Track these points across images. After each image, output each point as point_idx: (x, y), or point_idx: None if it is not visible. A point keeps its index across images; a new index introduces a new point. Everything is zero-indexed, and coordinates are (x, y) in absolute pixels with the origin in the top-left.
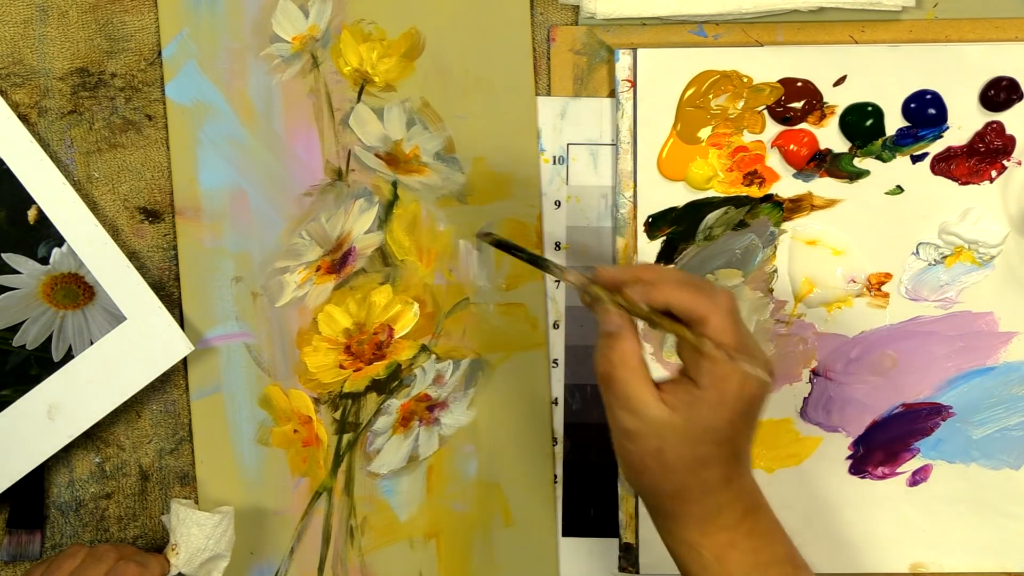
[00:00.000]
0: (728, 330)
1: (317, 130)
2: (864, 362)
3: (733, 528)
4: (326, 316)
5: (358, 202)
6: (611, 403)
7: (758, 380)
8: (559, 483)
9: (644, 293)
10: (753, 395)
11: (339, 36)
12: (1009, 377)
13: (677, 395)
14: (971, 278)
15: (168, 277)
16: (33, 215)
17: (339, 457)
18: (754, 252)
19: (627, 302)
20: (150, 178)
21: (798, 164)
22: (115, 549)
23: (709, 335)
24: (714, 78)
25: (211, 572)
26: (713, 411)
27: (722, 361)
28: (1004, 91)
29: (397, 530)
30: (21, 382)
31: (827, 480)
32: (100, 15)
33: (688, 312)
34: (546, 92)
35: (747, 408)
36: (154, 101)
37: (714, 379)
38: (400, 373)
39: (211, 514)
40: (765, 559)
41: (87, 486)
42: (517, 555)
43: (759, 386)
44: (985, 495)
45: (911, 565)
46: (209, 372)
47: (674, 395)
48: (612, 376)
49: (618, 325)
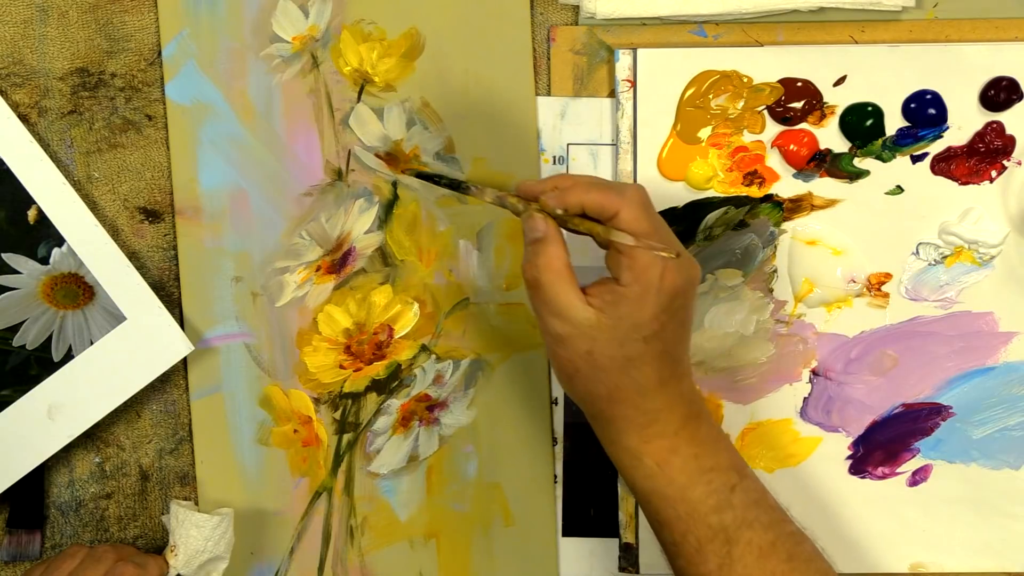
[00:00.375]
0: (639, 219)
1: (317, 130)
2: (864, 362)
3: (673, 434)
4: (326, 316)
5: (358, 202)
6: (539, 309)
7: (680, 271)
8: (559, 483)
9: (559, 198)
10: (676, 286)
11: (339, 36)
12: (1009, 377)
13: (602, 296)
14: (971, 278)
15: (168, 277)
16: (33, 215)
17: (339, 457)
18: (754, 252)
19: (546, 208)
20: (150, 178)
21: (798, 164)
22: (114, 550)
23: (620, 227)
24: (714, 78)
25: (210, 574)
26: (636, 306)
27: (634, 250)
28: (1004, 91)
29: (397, 530)
30: (21, 382)
31: (827, 480)
32: (100, 15)
33: (600, 210)
34: (546, 92)
35: (670, 301)
36: (154, 101)
37: (634, 274)
38: (400, 373)
39: (210, 516)
40: (708, 465)
41: (87, 486)
42: (517, 555)
43: (681, 277)
44: (985, 495)
45: (911, 565)
46: (209, 372)
47: (599, 296)
48: (539, 281)
49: (542, 231)
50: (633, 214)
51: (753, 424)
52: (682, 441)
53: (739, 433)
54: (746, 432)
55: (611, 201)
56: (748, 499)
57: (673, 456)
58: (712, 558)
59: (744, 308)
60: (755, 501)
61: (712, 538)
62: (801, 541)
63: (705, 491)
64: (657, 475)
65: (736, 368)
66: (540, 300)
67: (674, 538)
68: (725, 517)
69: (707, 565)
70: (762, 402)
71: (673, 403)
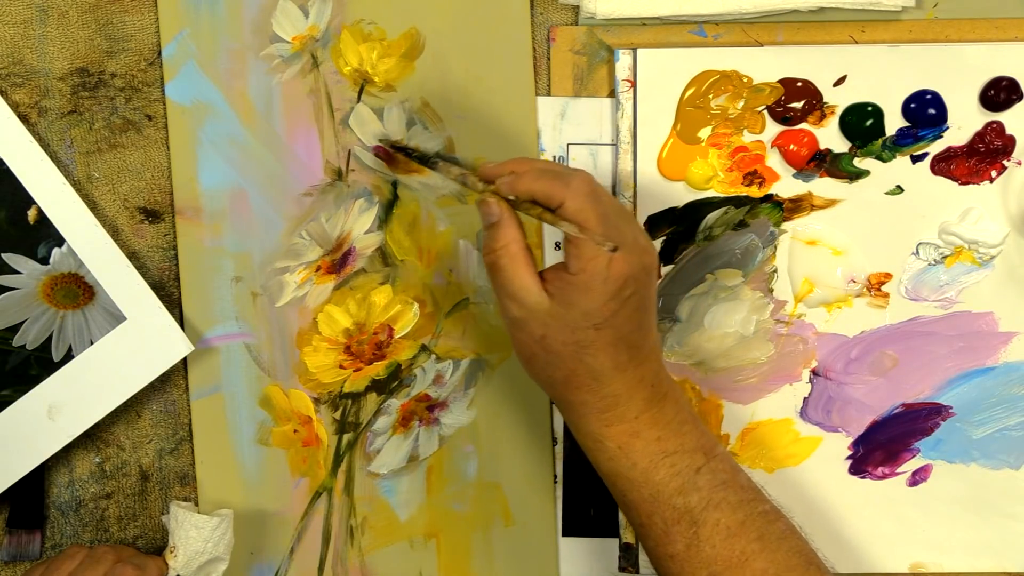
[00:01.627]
0: (583, 209)
1: (317, 130)
2: (864, 362)
3: (634, 418)
4: (326, 316)
5: (358, 202)
6: (498, 292)
7: (629, 260)
8: (559, 483)
9: (510, 184)
10: (624, 275)
11: (339, 36)
12: (1009, 377)
13: (554, 282)
14: (971, 278)
15: (168, 277)
16: (33, 215)
17: (339, 457)
18: (754, 252)
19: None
20: (150, 178)
21: (798, 164)
22: (113, 551)
23: (566, 216)
24: (714, 78)
25: (210, 574)
26: (584, 294)
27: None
28: (1004, 91)
29: (397, 530)
30: (21, 382)
31: (827, 480)
32: (100, 15)
33: (547, 198)
34: (546, 92)
35: (619, 290)
36: (154, 101)
37: (581, 263)
38: (400, 373)
39: (209, 517)
40: (671, 447)
41: (87, 486)
42: (517, 555)
43: (630, 265)
44: (985, 495)
45: (911, 565)
46: (209, 372)
47: (552, 283)
48: (496, 264)
49: (497, 215)
50: (577, 204)
51: (753, 424)
52: (643, 424)
53: (739, 433)
54: (746, 432)
55: (556, 190)
56: (715, 480)
57: (634, 439)
58: (679, 539)
59: (744, 308)
60: (723, 482)
61: (678, 520)
62: (775, 520)
63: (668, 473)
64: (619, 458)
65: (736, 368)
66: (497, 283)
67: (641, 519)
68: (690, 499)
69: (675, 546)
70: (762, 402)
71: (632, 388)
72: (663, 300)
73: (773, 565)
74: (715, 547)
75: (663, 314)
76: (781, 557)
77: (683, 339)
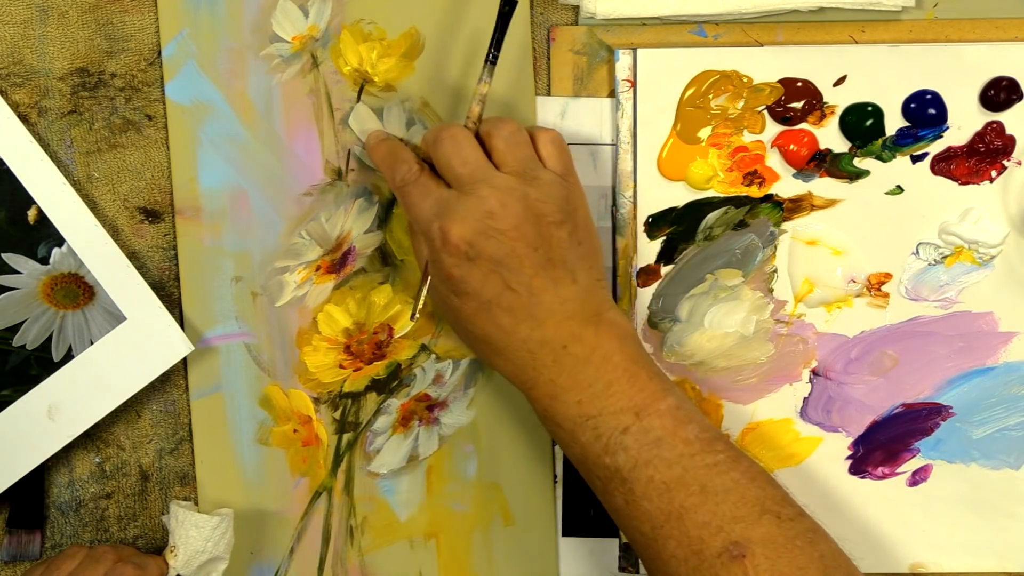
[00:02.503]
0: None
1: (317, 130)
2: (864, 362)
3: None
4: (326, 316)
5: (358, 202)
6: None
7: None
8: (559, 483)
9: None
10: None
11: (339, 36)
12: (1009, 377)
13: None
14: (971, 278)
15: (168, 277)
16: (33, 215)
17: (339, 457)
18: (754, 252)
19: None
20: (150, 178)
21: (798, 164)
22: (114, 550)
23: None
24: (714, 78)
25: (210, 574)
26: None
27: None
28: (1004, 91)
29: (397, 530)
30: (21, 382)
31: (827, 480)
32: (100, 15)
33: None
34: (546, 92)
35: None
36: (154, 101)
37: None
38: (400, 373)
39: (210, 516)
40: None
41: (87, 486)
42: (517, 555)
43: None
44: (985, 495)
45: (911, 565)
46: (209, 372)
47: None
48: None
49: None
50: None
51: (753, 424)
52: (560, 388)
53: (739, 433)
54: (746, 432)
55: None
56: (646, 439)
57: (554, 402)
58: (617, 495)
59: (744, 308)
60: (656, 440)
61: (610, 478)
62: (726, 470)
63: (592, 436)
64: (545, 419)
65: (736, 368)
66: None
67: (584, 476)
68: (617, 459)
69: (615, 501)
70: (762, 402)
71: (535, 352)
72: (663, 300)
73: (716, 517)
74: (652, 501)
75: (663, 314)
76: (727, 508)
77: (683, 339)
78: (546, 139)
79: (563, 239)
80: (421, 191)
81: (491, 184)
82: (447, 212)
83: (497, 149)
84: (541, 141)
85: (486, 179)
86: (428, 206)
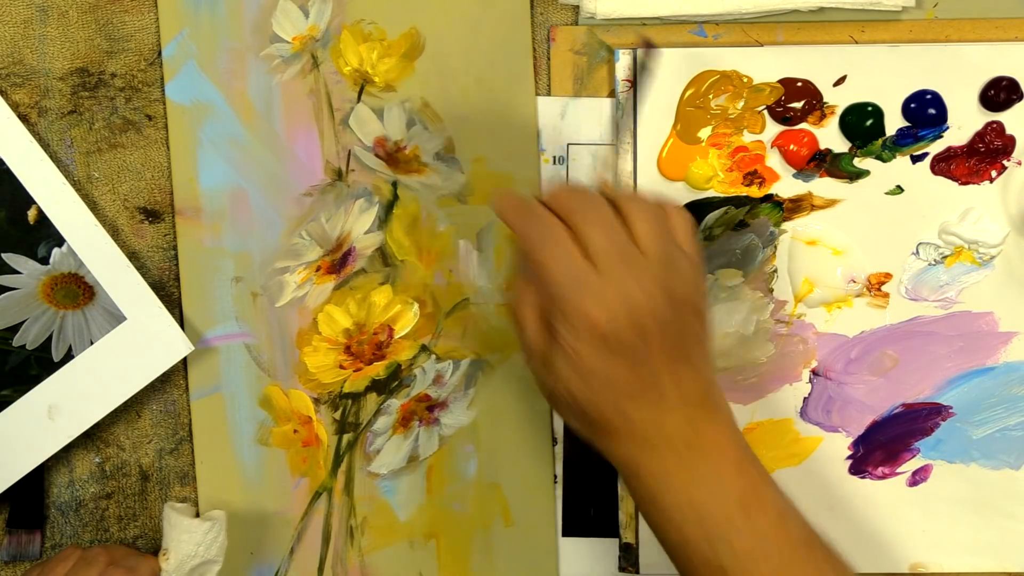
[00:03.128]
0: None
1: (317, 130)
2: (864, 362)
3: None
4: (326, 316)
5: (358, 202)
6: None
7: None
8: (559, 483)
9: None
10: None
11: (339, 36)
12: (1009, 377)
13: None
14: (971, 278)
15: (168, 277)
16: (33, 215)
17: (339, 457)
18: (754, 252)
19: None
20: (150, 178)
21: (798, 164)
22: (106, 552)
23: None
24: (714, 78)
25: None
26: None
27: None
28: (1004, 91)
29: (397, 530)
30: (21, 382)
31: (827, 480)
32: (100, 15)
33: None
34: (546, 92)
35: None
36: (154, 101)
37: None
38: (400, 373)
39: (201, 520)
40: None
41: (87, 486)
42: (517, 555)
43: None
44: (985, 495)
45: (911, 565)
46: (209, 372)
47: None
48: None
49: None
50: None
51: (753, 424)
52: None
53: None
54: (746, 432)
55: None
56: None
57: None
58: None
59: (744, 308)
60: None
61: (711, 571)
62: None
63: (695, 527)
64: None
65: (736, 368)
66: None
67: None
68: (719, 552)
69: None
70: (762, 402)
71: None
72: None
73: None
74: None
75: None
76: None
77: None
78: (680, 219)
79: (697, 331)
80: (562, 251)
81: (637, 268)
82: (586, 290)
83: (640, 232)
84: (674, 219)
85: (631, 262)
86: (563, 271)
